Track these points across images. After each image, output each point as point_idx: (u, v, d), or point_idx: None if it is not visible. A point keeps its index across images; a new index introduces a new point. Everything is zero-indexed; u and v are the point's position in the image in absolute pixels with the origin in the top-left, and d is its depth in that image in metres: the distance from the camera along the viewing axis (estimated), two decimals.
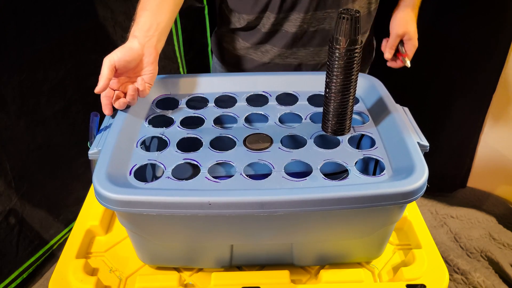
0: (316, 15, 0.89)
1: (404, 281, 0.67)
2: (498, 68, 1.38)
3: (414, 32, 0.96)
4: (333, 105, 0.68)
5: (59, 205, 1.39)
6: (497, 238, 1.48)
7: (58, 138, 1.33)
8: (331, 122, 0.70)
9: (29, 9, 1.13)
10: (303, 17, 0.89)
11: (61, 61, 1.27)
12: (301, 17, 0.89)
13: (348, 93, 0.67)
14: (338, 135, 0.71)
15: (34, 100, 1.22)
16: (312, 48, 0.95)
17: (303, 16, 0.89)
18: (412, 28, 0.96)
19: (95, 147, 0.67)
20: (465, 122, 1.52)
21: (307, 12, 0.88)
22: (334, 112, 0.69)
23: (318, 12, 0.89)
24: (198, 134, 0.71)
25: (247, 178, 0.61)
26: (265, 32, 0.93)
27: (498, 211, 1.59)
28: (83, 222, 0.78)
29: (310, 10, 0.88)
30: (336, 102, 0.68)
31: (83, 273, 0.67)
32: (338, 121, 0.70)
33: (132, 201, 0.56)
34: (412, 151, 0.63)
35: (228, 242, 0.66)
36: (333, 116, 0.69)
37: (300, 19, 0.89)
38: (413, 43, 0.97)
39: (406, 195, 0.57)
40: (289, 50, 0.95)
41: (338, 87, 0.66)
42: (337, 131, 0.71)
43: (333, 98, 0.68)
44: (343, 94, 0.67)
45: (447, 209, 1.62)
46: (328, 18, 0.90)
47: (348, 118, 0.70)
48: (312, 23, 0.90)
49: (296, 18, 0.89)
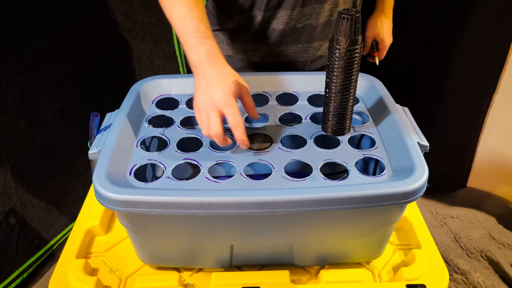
0: (302, 11, 0.89)
1: (404, 281, 0.67)
2: (498, 68, 1.38)
3: (384, 34, 1.06)
4: (333, 105, 0.68)
5: (59, 205, 1.39)
6: (497, 238, 1.48)
7: (58, 138, 1.33)
8: (331, 122, 0.70)
9: (29, 9, 1.13)
10: (290, 13, 0.88)
11: (61, 61, 1.27)
12: (288, 13, 0.89)
13: (348, 93, 0.67)
14: (338, 135, 0.71)
15: (34, 100, 1.22)
16: (300, 45, 0.95)
17: (290, 13, 0.88)
18: (382, 30, 1.06)
19: (95, 147, 0.67)
20: (465, 122, 1.52)
21: (293, 9, 0.88)
22: (334, 112, 0.69)
23: (305, 8, 0.89)
24: (198, 134, 0.71)
25: (247, 178, 0.61)
26: (253, 31, 0.93)
27: (498, 211, 1.59)
28: (83, 222, 0.78)
29: (296, 6, 0.88)
30: (336, 102, 0.68)
31: (83, 273, 0.67)
32: (338, 121, 0.70)
33: (132, 201, 0.56)
34: (412, 151, 0.63)
35: (228, 242, 0.66)
36: (333, 116, 0.69)
37: (287, 16, 0.89)
38: (383, 43, 1.07)
39: (406, 195, 0.57)
40: (277, 48, 0.95)
41: (338, 87, 0.66)
42: (337, 131, 0.71)
43: (333, 98, 0.68)
44: (343, 94, 0.67)
45: (447, 209, 1.62)
46: (315, 13, 0.90)
47: (348, 118, 0.70)
48: (299, 19, 0.90)
49: (283, 15, 0.89)
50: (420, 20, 1.39)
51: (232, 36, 0.96)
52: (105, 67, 1.42)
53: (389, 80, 0.85)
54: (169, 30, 1.46)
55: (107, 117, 0.76)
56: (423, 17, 1.38)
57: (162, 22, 1.43)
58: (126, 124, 0.70)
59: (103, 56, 1.40)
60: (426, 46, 1.42)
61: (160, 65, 1.52)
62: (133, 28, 1.43)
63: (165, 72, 1.54)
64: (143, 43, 1.46)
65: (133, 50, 1.47)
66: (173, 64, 1.53)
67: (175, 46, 1.50)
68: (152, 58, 1.50)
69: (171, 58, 1.52)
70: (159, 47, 1.48)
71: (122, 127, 0.69)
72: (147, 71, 1.52)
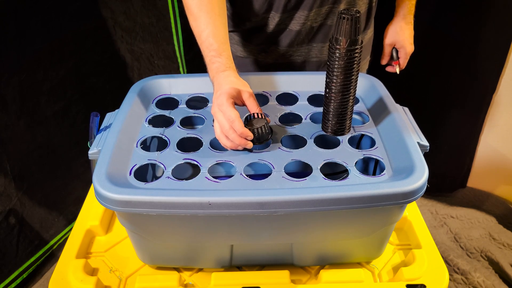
0: (320, 11, 0.89)
1: (404, 281, 0.67)
2: (498, 68, 1.38)
3: (404, 41, 1.01)
4: (333, 105, 0.68)
5: (59, 205, 1.39)
6: (497, 238, 1.48)
7: (58, 138, 1.33)
8: (331, 122, 0.70)
9: (29, 9, 1.13)
10: (307, 14, 0.89)
11: (61, 61, 1.27)
12: (305, 14, 0.89)
13: (348, 93, 0.67)
14: (338, 135, 0.71)
15: (34, 100, 1.22)
16: (315, 44, 0.95)
17: (307, 14, 0.89)
18: (402, 37, 1.01)
19: (95, 147, 0.67)
20: (465, 122, 1.52)
21: (311, 10, 0.88)
22: (334, 112, 0.69)
23: (322, 8, 0.89)
24: (198, 134, 0.71)
25: (247, 178, 0.61)
26: (269, 32, 0.93)
27: (498, 211, 1.59)
28: (83, 222, 0.78)
29: (314, 7, 0.88)
30: (336, 102, 0.68)
31: (83, 273, 0.67)
32: (338, 121, 0.70)
33: (132, 201, 0.56)
34: (412, 151, 0.63)
35: (228, 242, 0.66)
36: (333, 116, 0.69)
37: (304, 16, 0.89)
38: (404, 51, 1.02)
39: (406, 195, 0.57)
40: (292, 48, 0.95)
41: (338, 87, 0.66)
42: (337, 131, 0.71)
43: (333, 98, 0.68)
44: (343, 94, 0.67)
45: (447, 209, 1.62)
46: (331, 13, 0.90)
47: (348, 118, 0.70)
48: (315, 19, 0.90)
49: (300, 16, 0.89)
50: (421, 20, 1.39)
51: (247, 37, 0.96)
52: (105, 67, 1.42)
53: (389, 80, 0.85)
54: (169, 30, 1.46)
55: (107, 117, 0.76)
56: (423, 17, 1.38)
57: (162, 22, 1.43)
58: (126, 124, 0.70)
59: (103, 56, 1.40)
60: (426, 46, 1.42)
61: (160, 65, 1.52)
62: (133, 28, 1.43)
63: (165, 72, 1.54)
64: (143, 43, 1.46)
65: (133, 50, 1.47)
66: (173, 64, 1.53)
67: (175, 46, 1.50)
68: (152, 58, 1.50)
69: (171, 58, 1.52)
70: (159, 47, 1.48)
71: (122, 127, 0.69)
72: (147, 71, 1.52)
